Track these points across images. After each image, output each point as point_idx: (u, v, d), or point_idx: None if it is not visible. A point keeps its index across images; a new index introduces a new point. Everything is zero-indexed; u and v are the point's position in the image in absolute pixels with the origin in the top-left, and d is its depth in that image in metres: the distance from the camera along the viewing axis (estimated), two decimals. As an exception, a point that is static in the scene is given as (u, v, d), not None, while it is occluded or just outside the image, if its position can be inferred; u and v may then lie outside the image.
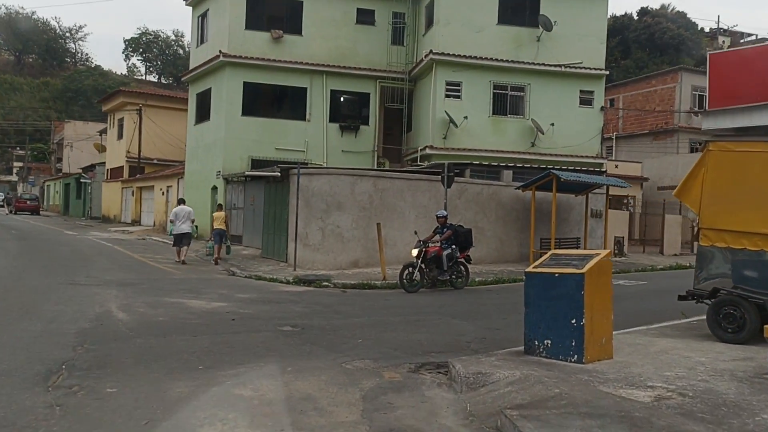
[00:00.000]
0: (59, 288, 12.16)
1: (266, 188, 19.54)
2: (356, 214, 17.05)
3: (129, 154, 37.28)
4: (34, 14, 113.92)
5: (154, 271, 16.08)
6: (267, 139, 24.60)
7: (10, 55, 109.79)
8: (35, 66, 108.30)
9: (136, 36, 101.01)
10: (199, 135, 27.18)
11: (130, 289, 12.56)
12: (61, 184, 53.72)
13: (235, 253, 20.60)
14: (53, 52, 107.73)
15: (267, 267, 17.37)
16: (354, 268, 16.97)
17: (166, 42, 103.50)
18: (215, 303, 11.31)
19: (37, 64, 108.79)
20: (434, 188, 18.46)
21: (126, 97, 37.63)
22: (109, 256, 19.07)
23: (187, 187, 28.12)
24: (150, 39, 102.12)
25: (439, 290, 14.46)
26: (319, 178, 17.00)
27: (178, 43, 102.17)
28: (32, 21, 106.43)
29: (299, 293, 13.34)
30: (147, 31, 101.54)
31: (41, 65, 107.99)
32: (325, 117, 25.28)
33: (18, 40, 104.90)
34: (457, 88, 23.60)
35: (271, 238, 18.88)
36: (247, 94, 24.60)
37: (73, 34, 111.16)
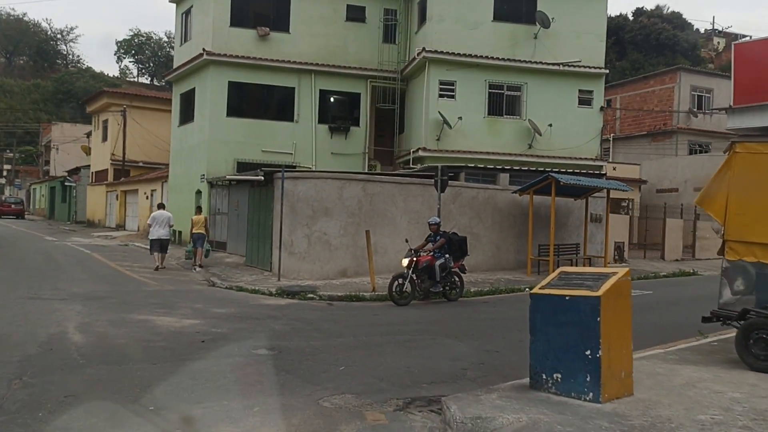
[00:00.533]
0: (16, 303, 11.13)
1: (250, 193, 18.55)
2: (344, 221, 16.08)
3: (114, 156, 36.19)
4: (24, 15, 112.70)
5: (128, 282, 15.06)
6: (253, 141, 23.59)
7: (0, 56, 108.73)
8: (26, 68, 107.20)
9: (128, 37, 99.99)
10: (183, 137, 26.15)
11: (96, 304, 11.54)
12: (47, 187, 52.53)
13: (218, 261, 19.59)
14: (44, 54, 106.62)
15: (250, 276, 16.37)
16: (342, 277, 16.00)
17: (158, 44, 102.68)
18: (187, 320, 10.31)
19: (28, 66, 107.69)
20: (427, 192, 17.51)
21: (110, 98, 36.52)
22: (83, 265, 18.02)
23: (171, 191, 27.08)
24: (142, 41, 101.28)
25: (432, 303, 13.51)
26: (304, 182, 16.02)
27: (171, 45, 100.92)
28: (23, 23, 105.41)
29: (281, 307, 12.35)
30: (139, 33, 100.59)
31: (32, 67, 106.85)
32: (313, 118, 24.29)
33: (9, 42, 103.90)
34: (451, 87, 22.66)
35: (256, 245, 17.88)
36: (232, 94, 23.58)
37: (65, 36, 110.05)
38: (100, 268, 17.48)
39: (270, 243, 16.76)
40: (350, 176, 16.53)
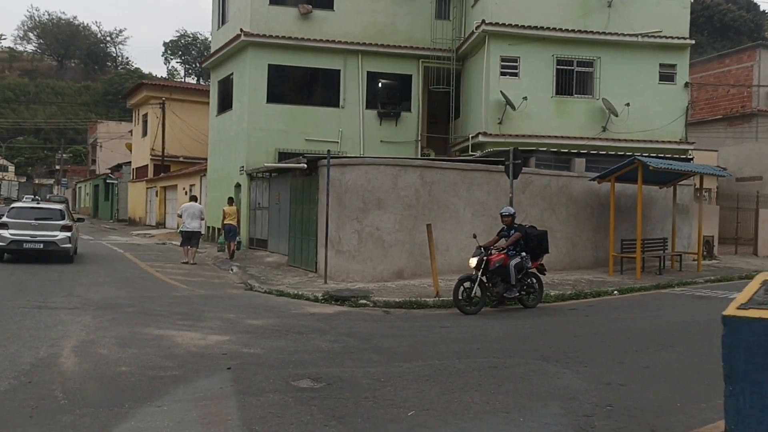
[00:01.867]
0: (16, 314, 9.33)
1: (292, 184, 16.58)
2: (400, 213, 13.91)
3: (153, 151, 34.90)
4: (75, 18, 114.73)
5: (155, 286, 13.23)
6: (295, 129, 21.65)
7: (53, 60, 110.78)
8: (77, 70, 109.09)
9: (175, 38, 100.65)
10: (221, 127, 24.42)
11: (110, 314, 9.67)
12: (91, 185, 52.04)
13: (258, 260, 17.70)
14: (94, 57, 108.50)
15: (292, 278, 14.37)
16: (398, 279, 13.85)
17: (204, 44, 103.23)
18: (213, 336, 8.31)
19: (79, 68, 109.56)
20: (493, 180, 15.22)
21: (149, 91, 35.24)
22: (111, 266, 16.34)
23: (210, 185, 25.41)
24: (188, 41, 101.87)
25: (506, 310, 11.26)
26: (353, 169, 13.92)
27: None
28: (74, 26, 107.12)
29: (329, 317, 10.27)
30: (185, 34, 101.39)
31: (83, 70, 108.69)
32: (361, 103, 22.21)
33: (60, 46, 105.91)
34: (514, 64, 20.27)
35: (298, 243, 15.89)
36: (272, 79, 21.68)
37: (114, 38, 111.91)
38: (128, 270, 15.77)
39: (315, 240, 14.74)
40: (406, 161, 14.36)
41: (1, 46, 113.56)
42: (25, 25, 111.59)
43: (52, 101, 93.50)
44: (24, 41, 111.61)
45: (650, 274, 16.46)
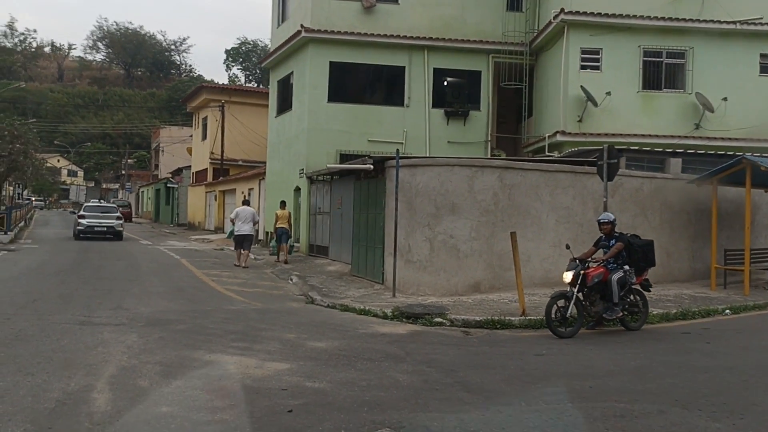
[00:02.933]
0: (56, 331, 8.38)
1: (356, 187, 15.37)
2: (476, 220, 12.48)
3: (212, 155, 34.48)
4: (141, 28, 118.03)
5: (210, 298, 12.20)
6: (357, 130, 20.49)
7: (120, 68, 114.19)
8: (143, 78, 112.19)
9: (236, 46, 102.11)
10: (280, 128, 23.51)
11: (157, 332, 8.61)
12: (153, 189, 52.45)
13: (319, 270, 16.56)
14: (159, 65, 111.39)
15: (357, 291, 13.12)
16: (474, 293, 12.40)
17: (264, 51, 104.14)
18: (271, 364, 7.10)
19: (145, 76, 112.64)
20: (579, 183, 13.62)
21: (209, 94, 34.87)
22: (166, 274, 15.49)
23: (269, 189, 24.54)
24: (249, 48, 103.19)
25: (607, 333, 9.71)
26: (425, 171, 12.57)
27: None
28: (140, 36, 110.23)
29: (401, 338, 8.95)
30: (246, 41, 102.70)
31: (149, 77, 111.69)
32: (427, 101, 20.88)
33: (127, 55, 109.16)
34: (596, 56, 18.57)
35: (363, 251, 14.65)
36: (333, 77, 20.60)
37: (178, 47, 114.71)
38: (183, 279, 14.86)
39: (381, 248, 13.46)
40: (484, 162, 12.92)
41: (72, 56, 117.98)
42: (94, 35, 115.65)
43: (119, 108, 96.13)
44: (93, 51, 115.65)
45: (758, 289, 14.50)
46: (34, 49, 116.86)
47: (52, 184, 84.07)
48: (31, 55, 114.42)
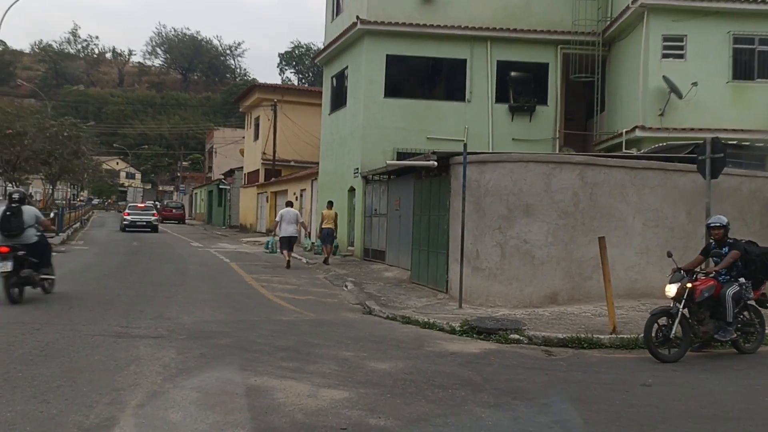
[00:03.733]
0: (87, 344, 7.46)
1: (416, 187, 14.17)
2: (553, 223, 11.11)
3: (264, 156, 33.87)
4: (198, 33, 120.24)
5: (259, 306, 11.19)
6: (416, 127, 19.31)
7: (177, 73, 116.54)
8: (199, 83, 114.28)
9: (290, 50, 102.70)
10: (333, 126, 22.54)
11: (199, 347, 7.60)
12: (206, 191, 52.48)
13: (376, 276, 15.44)
14: (215, 69, 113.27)
15: (418, 300, 11.91)
16: (550, 305, 11.03)
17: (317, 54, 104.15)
18: (326, 391, 5.98)
19: (201, 80, 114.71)
20: (669, 182, 12.07)
21: (261, 93, 34.30)
22: (214, 279, 14.62)
23: (321, 190, 23.60)
24: (302, 52, 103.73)
25: (716, 356, 8.30)
26: (496, 168, 11.28)
27: None
28: (197, 41, 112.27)
29: (475, 359, 7.71)
30: (299, 45, 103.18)
31: (204, 82, 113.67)
32: (489, 96, 19.56)
33: (184, 59, 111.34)
34: (680, 44, 16.90)
35: (424, 256, 13.42)
36: (390, 71, 19.50)
37: (233, 51, 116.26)
38: (231, 284, 13.94)
39: (445, 254, 12.21)
40: (562, 158, 11.54)
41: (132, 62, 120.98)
42: (153, 41, 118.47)
43: (175, 112, 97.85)
44: (152, 56, 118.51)
45: None
46: (96, 55, 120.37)
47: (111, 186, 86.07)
48: (93, 61, 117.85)
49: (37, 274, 10.15)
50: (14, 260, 9.68)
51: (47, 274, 10.55)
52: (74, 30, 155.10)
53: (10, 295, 9.75)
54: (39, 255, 10.22)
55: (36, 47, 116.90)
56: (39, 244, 10.28)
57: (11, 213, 9.97)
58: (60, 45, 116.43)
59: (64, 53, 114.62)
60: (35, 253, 10.10)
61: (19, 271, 9.75)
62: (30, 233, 10.13)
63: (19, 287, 9.88)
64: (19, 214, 10.00)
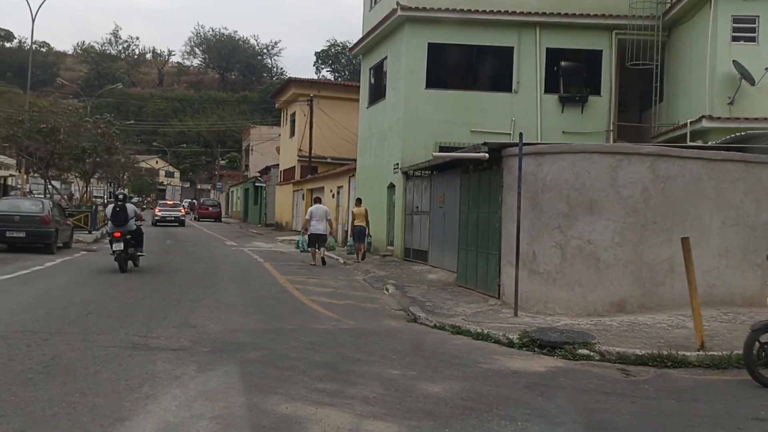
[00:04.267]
0: (98, 359, 6.57)
1: (463, 182, 13.05)
2: (621, 221, 9.89)
3: (301, 152, 33.08)
4: (235, 33, 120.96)
5: (293, 311, 10.22)
6: (459, 119, 18.18)
7: (215, 73, 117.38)
8: (237, 82, 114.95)
9: (326, 48, 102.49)
10: (372, 120, 21.54)
11: (223, 362, 6.66)
12: (242, 189, 52.10)
13: (418, 278, 14.37)
14: (252, 68, 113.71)
15: (467, 306, 10.80)
16: (618, 313, 9.81)
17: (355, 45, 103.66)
18: (372, 423, 4.95)
19: (239, 80, 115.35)
20: (751, 175, 10.74)
21: (297, 88, 33.51)
22: (246, 281, 13.75)
23: (359, 186, 22.64)
24: (338, 50, 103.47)
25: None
26: (555, 160, 10.11)
27: None
28: (234, 40, 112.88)
29: (542, 380, 6.59)
30: (335, 43, 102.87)
31: (242, 81, 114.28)
32: (538, 86, 18.32)
33: (222, 59, 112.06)
34: (752, 26, 15.42)
35: (472, 257, 12.29)
36: (432, 60, 18.40)
37: (270, 50, 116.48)
38: (264, 286, 13.04)
39: (497, 255, 11.07)
40: (630, 149, 10.27)
41: (172, 62, 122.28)
42: (192, 41, 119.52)
43: (213, 111, 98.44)
44: (191, 56, 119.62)
45: None
46: (137, 56, 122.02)
47: (150, 184, 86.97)
48: (134, 62, 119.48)
49: (135, 252, 14.05)
50: (123, 242, 13.40)
51: (140, 252, 14.46)
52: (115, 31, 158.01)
53: (121, 266, 13.57)
54: (136, 239, 14.06)
55: (78, 48, 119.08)
56: (137, 231, 14.10)
57: (119, 209, 13.56)
58: (102, 46, 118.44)
59: (105, 54, 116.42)
60: (134, 238, 13.94)
61: (126, 250, 13.52)
62: (131, 223, 13.74)
63: (126, 261, 13.64)
64: (124, 209, 13.55)
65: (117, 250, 13.40)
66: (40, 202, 17.38)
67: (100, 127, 25.29)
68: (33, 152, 23.58)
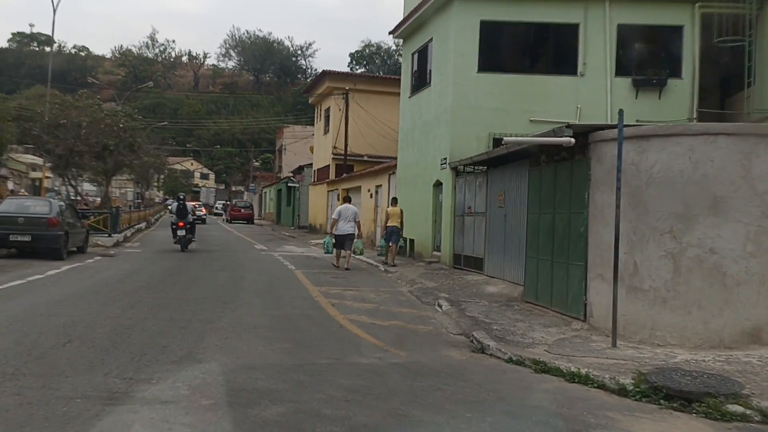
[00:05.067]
0: (49, 421, 4.57)
1: (532, 176, 10.82)
2: (755, 224, 7.57)
3: (335, 150, 31.11)
4: (270, 35, 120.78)
5: (327, 338, 8.11)
6: (516, 107, 15.93)
7: (250, 75, 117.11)
8: (271, 84, 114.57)
9: (360, 49, 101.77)
10: (415, 111, 19.40)
11: (230, 425, 4.61)
12: (275, 190, 50.45)
13: (473, 290, 12.16)
14: (286, 70, 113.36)
15: (544, 330, 8.56)
16: (752, 344, 7.48)
17: (387, 52, 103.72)
18: None
19: (273, 81, 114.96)
20: None
21: (332, 81, 31.56)
22: (273, 294, 11.73)
23: (400, 185, 20.52)
24: (372, 51, 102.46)
25: None
26: (665, 145, 7.82)
27: (398, 53, 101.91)
28: (269, 42, 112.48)
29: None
30: (370, 44, 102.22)
31: (276, 83, 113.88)
32: (608, 68, 15.96)
33: (257, 61, 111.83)
34: None
35: (545, 268, 10.03)
36: (485, 40, 16.17)
37: (304, 51, 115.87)
38: (294, 300, 10.99)
39: (582, 266, 8.81)
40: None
41: (207, 64, 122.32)
42: (227, 43, 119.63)
43: (248, 112, 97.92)
44: (226, 58, 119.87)
45: None
46: (173, 59, 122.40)
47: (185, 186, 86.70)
48: (170, 65, 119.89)
49: (191, 236, 19.41)
50: (185, 230, 18.73)
51: (193, 239, 19.83)
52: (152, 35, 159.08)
53: (183, 247, 18.94)
54: (192, 229, 19.41)
55: (116, 52, 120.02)
56: (193, 223, 19.56)
57: (182, 206, 19.07)
58: (139, 49, 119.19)
59: (142, 57, 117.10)
60: (191, 228, 19.31)
61: (186, 236, 18.87)
62: (189, 217, 19.18)
63: (186, 243, 19.01)
64: (185, 207, 19.10)
65: (180, 235, 18.86)
66: (48, 203, 15.69)
67: (121, 122, 23.61)
68: (51, 149, 22.12)
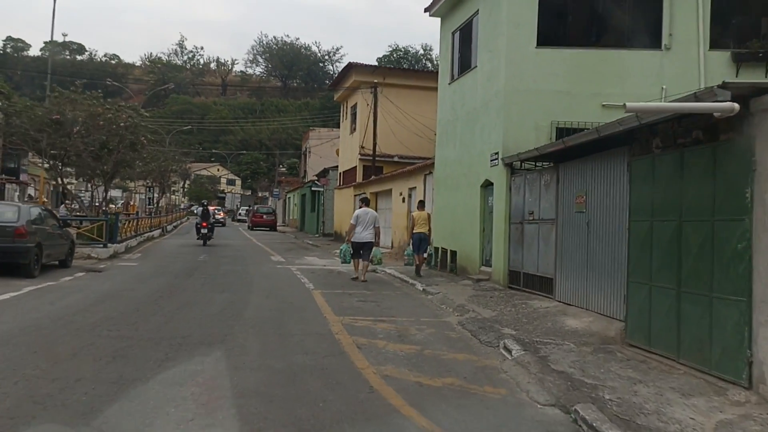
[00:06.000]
0: None
1: (637, 169, 7.81)
2: None
3: (363, 150, 28.32)
4: (297, 40, 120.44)
5: (353, 417, 5.19)
6: (584, 89, 12.96)
7: (277, 80, 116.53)
8: (299, 89, 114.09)
9: (387, 53, 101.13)
10: (456, 99, 16.49)
11: None
12: (298, 195, 47.85)
13: (550, 326, 9.16)
14: (314, 75, 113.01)
15: (686, 402, 5.55)
16: None
17: (415, 56, 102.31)
18: None
19: (300, 87, 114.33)
20: None
21: (359, 75, 28.82)
22: (279, 327, 8.83)
23: (439, 186, 17.60)
24: (400, 55, 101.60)
25: None
26: None
27: (427, 57, 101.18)
28: (296, 48, 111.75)
29: None
30: (397, 48, 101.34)
31: (303, 88, 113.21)
32: (701, 40, 12.90)
33: (284, 67, 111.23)
34: None
35: (666, 300, 6.98)
36: (545, 9, 13.24)
37: (331, 57, 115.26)
38: (305, 339, 8.08)
39: (740, 303, 5.79)
40: None
41: (235, 71, 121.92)
42: (254, 49, 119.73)
43: (275, 118, 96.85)
44: (253, 64, 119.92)
45: None
46: (201, 65, 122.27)
47: (210, 191, 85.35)
48: (198, 71, 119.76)
49: (211, 235, 25.33)
50: (207, 229, 24.69)
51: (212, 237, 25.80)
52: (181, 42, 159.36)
53: (204, 242, 24.59)
54: (212, 228, 25.55)
55: (146, 60, 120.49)
56: (213, 225, 25.89)
57: (206, 210, 25.43)
58: (168, 57, 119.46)
59: (171, 64, 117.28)
60: (211, 228, 25.50)
61: (207, 233, 24.73)
62: (210, 220, 25.33)
63: (206, 239, 24.69)
64: (208, 210, 25.56)
65: (203, 233, 24.34)
66: (17, 208, 13.04)
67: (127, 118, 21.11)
68: (43, 148, 19.78)
